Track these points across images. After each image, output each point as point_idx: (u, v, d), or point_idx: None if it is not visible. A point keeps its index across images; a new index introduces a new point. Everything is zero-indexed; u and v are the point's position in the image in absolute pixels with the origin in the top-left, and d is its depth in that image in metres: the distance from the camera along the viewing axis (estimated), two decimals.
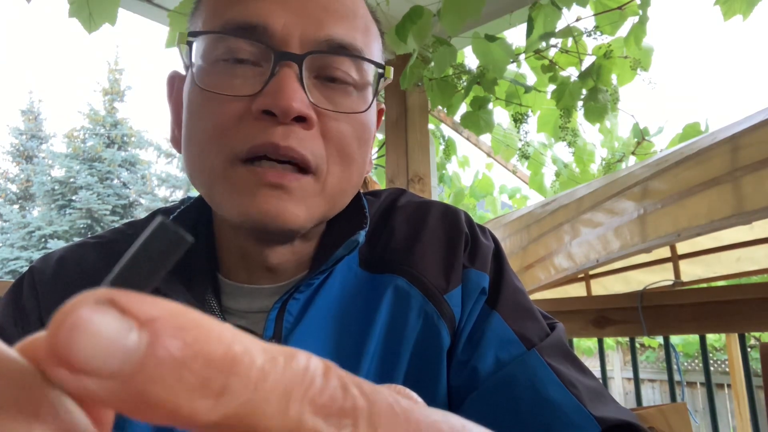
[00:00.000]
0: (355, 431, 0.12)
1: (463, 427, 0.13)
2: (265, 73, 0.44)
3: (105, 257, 0.53)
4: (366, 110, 0.48)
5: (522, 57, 2.07)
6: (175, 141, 0.54)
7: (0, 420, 0.11)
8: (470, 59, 2.89)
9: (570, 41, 2.01)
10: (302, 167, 0.44)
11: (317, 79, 0.46)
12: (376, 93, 0.49)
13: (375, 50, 0.51)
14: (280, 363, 0.12)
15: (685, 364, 6.45)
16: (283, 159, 0.44)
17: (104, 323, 0.11)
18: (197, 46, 0.47)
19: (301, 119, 0.43)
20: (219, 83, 0.45)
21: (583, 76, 1.97)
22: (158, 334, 0.11)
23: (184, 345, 0.11)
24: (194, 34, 0.46)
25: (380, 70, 0.49)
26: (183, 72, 0.54)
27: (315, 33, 0.45)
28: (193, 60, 0.46)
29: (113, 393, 0.11)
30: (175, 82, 0.55)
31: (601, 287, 2.72)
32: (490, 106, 2.07)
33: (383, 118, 0.67)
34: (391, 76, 0.52)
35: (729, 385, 4.99)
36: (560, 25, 1.76)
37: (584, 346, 5.44)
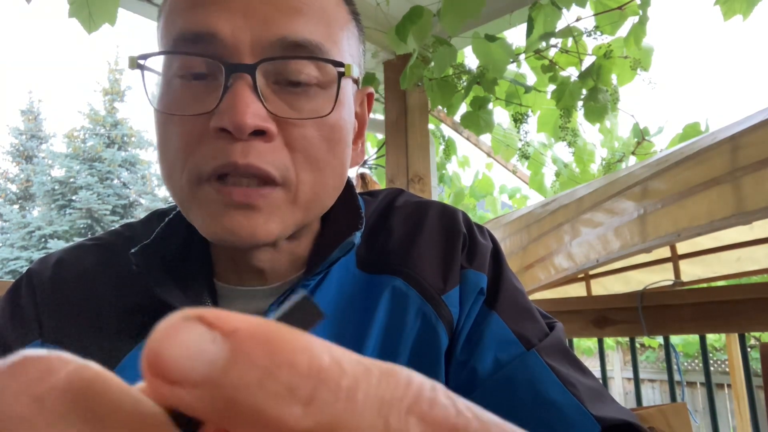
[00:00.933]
0: None
1: None
2: (220, 87, 0.42)
3: (103, 259, 0.53)
4: (331, 112, 0.45)
5: (522, 57, 2.07)
6: None
7: None
8: (470, 59, 2.89)
9: (570, 41, 2.01)
10: (266, 181, 0.43)
11: (277, 84, 0.44)
12: (337, 93, 0.45)
13: (342, 38, 0.47)
14: (374, 374, 0.12)
15: (685, 364, 6.45)
16: (245, 179, 0.42)
17: (191, 334, 0.12)
18: (156, 64, 0.45)
19: (259, 133, 0.42)
20: (176, 103, 0.44)
21: (583, 76, 1.97)
22: (240, 342, 0.12)
23: (266, 353, 0.12)
24: (143, 57, 0.45)
25: (340, 69, 0.45)
26: None
27: (266, 34, 0.42)
28: (148, 83, 0.45)
29: (205, 401, 0.12)
30: None
31: (601, 287, 2.72)
32: (490, 106, 2.06)
33: (380, 109, 0.66)
34: (361, 68, 0.49)
35: (729, 385, 4.99)
36: (560, 25, 1.76)
37: (584, 346, 5.44)
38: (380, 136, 2.38)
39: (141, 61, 0.44)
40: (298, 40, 0.43)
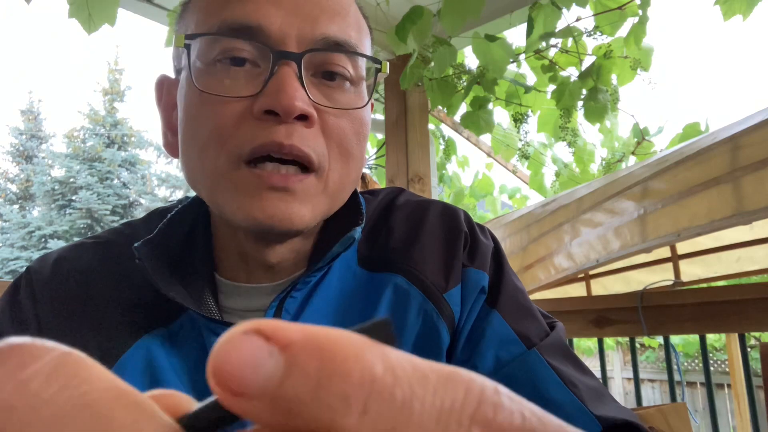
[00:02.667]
0: None
1: None
2: (264, 73, 0.44)
3: (103, 257, 0.53)
4: (364, 106, 0.48)
5: (522, 57, 2.06)
6: (170, 146, 0.53)
7: None
8: (470, 59, 2.89)
9: (570, 41, 2.01)
10: (305, 166, 0.44)
11: (315, 77, 0.46)
12: (373, 88, 0.50)
13: (367, 46, 0.52)
14: (431, 382, 0.12)
15: (685, 364, 6.45)
16: (287, 158, 0.44)
17: (250, 348, 0.12)
18: (192, 48, 0.46)
19: (302, 117, 0.44)
20: (217, 85, 0.45)
21: (583, 76, 1.97)
22: (295, 355, 0.12)
23: (319, 364, 0.12)
24: (191, 36, 0.46)
25: (377, 65, 0.49)
26: (172, 75, 0.54)
27: (311, 31, 0.45)
28: (190, 62, 0.46)
29: (266, 412, 0.12)
30: (164, 86, 0.54)
31: (601, 287, 2.71)
32: (490, 106, 2.06)
33: (380, 109, 0.67)
34: (388, 71, 0.52)
35: (729, 385, 4.99)
36: (560, 25, 1.76)
37: (584, 346, 5.43)
38: (380, 136, 2.38)
39: (188, 41, 0.46)
40: (338, 39, 0.46)
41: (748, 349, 1.73)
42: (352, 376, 0.11)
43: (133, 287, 0.50)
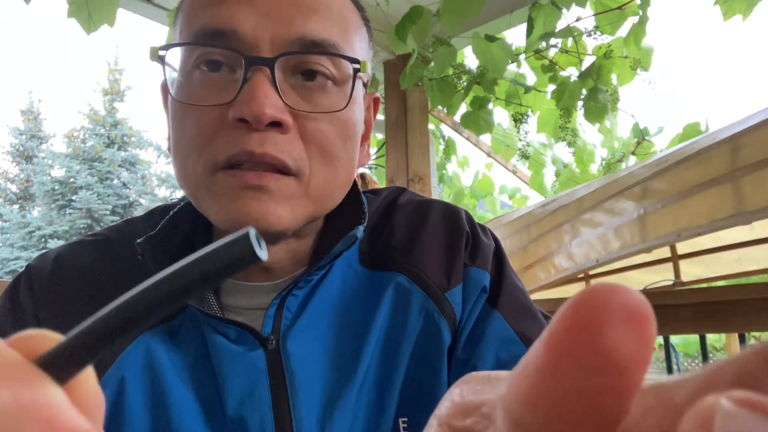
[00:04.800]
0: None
1: None
2: (239, 79, 0.44)
3: (103, 256, 0.53)
4: (345, 108, 0.46)
5: (522, 57, 2.07)
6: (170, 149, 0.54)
7: None
8: (470, 59, 2.89)
9: (570, 41, 2.01)
10: (281, 171, 0.44)
11: (293, 78, 0.45)
12: (352, 89, 0.47)
13: (355, 41, 0.49)
14: None
15: (685, 364, 6.45)
16: (259, 166, 0.43)
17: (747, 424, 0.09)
18: (173, 57, 0.47)
19: (276, 124, 0.43)
20: (195, 94, 0.45)
21: (583, 76, 1.97)
22: None
23: None
24: (165, 47, 0.46)
25: (355, 65, 0.47)
26: None
27: (286, 32, 0.44)
28: (168, 73, 0.47)
29: None
30: (166, 90, 0.55)
31: None
32: (490, 106, 2.06)
33: (379, 109, 0.66)
34: (369, 71, 0.50)
35: None
36: (560, 25, 1.76)
37: None
38: (380, 136, 2.38)
39: (162, 53, 0.46)
40: (315, 38, 0.45)
41: None
42: None
43: (134, 284, 0.49)
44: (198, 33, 0.45)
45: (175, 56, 0.47)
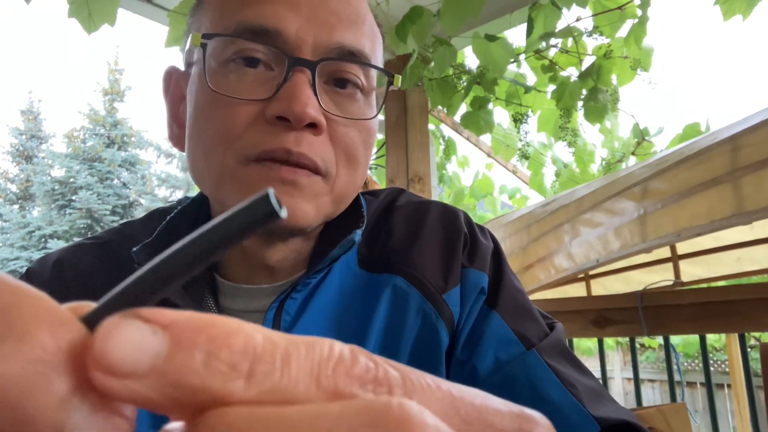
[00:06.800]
0: (390, 395, 0.14)
1: (485, 397, 0.15)
2: (277, 77, 0.45)
3: (102, 258, 0.53)
4: (373, 117, 0.49)
5: (522, 57, 2.06)
6: (174, 138, 0.53)
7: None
8: (470, 59, 2.89)
9: (570, 41, 2.01)
10: (312, 171, 0.45)
11: (327, 85, 0.47)
12: (384, 99, 0.50)
13: (379, 56, 0.53)
14: (302, 348, 0.14)
15: (685, 364, 6.45)
16: (293, 164, 0.44)
17: (132, 330, 0.13)
18: (207, 46, 0.46)
19: (312, 125, 0.44)
20: (230, 86, 0.45)
21: (583, 76, 1.97)
22: (180, 332, 0.13)
23: (206, 338, 0.13)
24: (208, 36, 0.46)
25: (390, 78, 0.50)
26: (181, 68, 0.54)
27: (327, 39, 0.46)
28: (205, 60, 0.46)
29: (155, 389, 0.13)
30: (172, 77, 0.54)
31: (601, 287, 2.71)
32: (490, 106, 2.06)
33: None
34: (400, 84, 0.52)
35: (729, 385, 4.99)
36: (560, 25, 1.76)
37: (584, 346, 5.43)
38: (380, 136, 2.38)
39: (204, 41, 0.46)
40: (353, 48, 0.47)
41: (748, 350, 1.73)
42: (238, 345, 0.13)
43: None
44: (239, 27, 0.45)
45: (206, 46, 0.47)
